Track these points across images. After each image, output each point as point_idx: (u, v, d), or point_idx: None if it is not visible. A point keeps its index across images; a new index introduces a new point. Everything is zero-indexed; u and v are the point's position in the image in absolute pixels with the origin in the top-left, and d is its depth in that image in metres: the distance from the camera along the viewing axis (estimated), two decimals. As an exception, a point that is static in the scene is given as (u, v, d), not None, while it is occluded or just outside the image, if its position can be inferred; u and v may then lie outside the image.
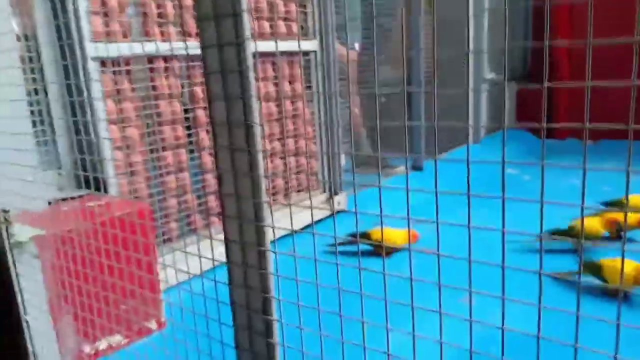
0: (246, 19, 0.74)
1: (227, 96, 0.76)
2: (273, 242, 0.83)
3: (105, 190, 1.90)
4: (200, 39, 0.78)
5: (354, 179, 0.81)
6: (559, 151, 4.78)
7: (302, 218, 2.75)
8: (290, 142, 2.91)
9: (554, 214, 0.71)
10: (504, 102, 0.74)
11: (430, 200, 1.05)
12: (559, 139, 5.10)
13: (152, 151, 2.14)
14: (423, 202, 1.39)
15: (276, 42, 2.88)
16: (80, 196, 1.81)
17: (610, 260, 2.09)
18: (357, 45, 3.85)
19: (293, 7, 2.90)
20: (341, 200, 3.12)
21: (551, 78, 4.95)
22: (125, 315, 1.66)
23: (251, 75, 0.74)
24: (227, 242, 0.82)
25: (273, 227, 0.83)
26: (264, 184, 0.77)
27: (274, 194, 2.79)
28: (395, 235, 2.44)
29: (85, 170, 1.89)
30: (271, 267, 0.79)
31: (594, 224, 2.49)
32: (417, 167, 3.98)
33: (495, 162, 0.74)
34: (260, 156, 0.75)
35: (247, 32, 0.74)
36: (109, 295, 1.59)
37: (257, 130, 0.75)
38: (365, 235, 2.52)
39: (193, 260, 1.05)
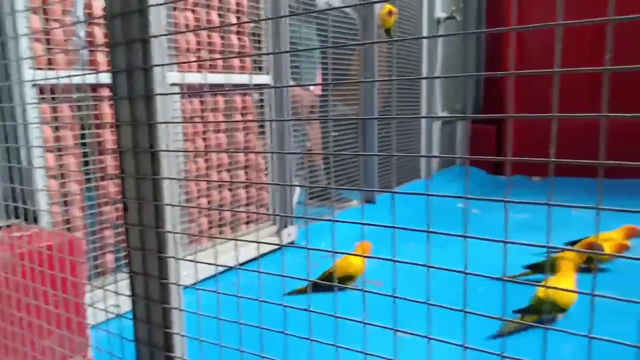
0: (156, 45, 0.73)
1: (134, 122, 0.74)
2: (213, 276, 0.80)
3: (36, 221, 1.82)
4: (110, 64, 0.76)
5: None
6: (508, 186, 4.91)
7: (248, 252, 2.71)
8: (241, 174, 2.89)
9: (511, 250, 0.72)
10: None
11: (381, 232, 1.06)
12: (507, 176, 5.24)
13: (88, 180, 2.07)
14: (375, 234, 1.38)
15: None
16: (8, 226, 1.72)
17: (543, 289, 2.11)
18: (311, 87, 3.90)
19: (247, 42, 2.92)
20: (292, 233, 3.09)
21: (502, 114, 5.10)
22: (48, 354, 1.56)
23: (159, 101, 0.73)
24: (132, 275, 0.78)
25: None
26: (169, 213, 0.74)
27: (220, 226, 2.74)
28: (354, 261, 2.44)
29: (16, 200, 1.81)
30: (176, 301, 0.76)
31: (570, 256, 2.44)
32: (369, 200, 4.00)
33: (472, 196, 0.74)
34: (165, 185, 0.73)
35: (156, 59, 0.73)
36: (30, 334, 1.50)
37: (163, 157, 0.73)
38: (328, 274, 2.48)
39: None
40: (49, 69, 2.01)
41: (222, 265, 0.80)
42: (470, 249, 0.84)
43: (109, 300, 1.54)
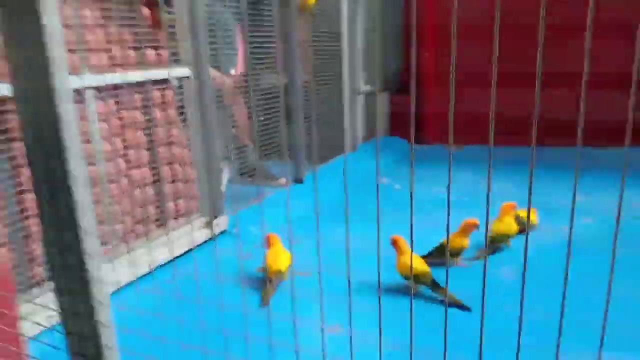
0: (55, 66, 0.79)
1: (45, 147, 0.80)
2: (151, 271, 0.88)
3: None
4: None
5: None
6: (428, 157, 5.18)
7: (182, 245, 2.77)
8: (166, 169, 2.91)
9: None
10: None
11: (310, 213, 1.17)
12: (428, 145, 5.49)
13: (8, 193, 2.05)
14: (304, 216, 1.51)
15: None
16: None
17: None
18: (232, 71, 3.90)
19: (162, 35, 2.90)
20: (221, 222, 3.16)
21: (420, 88, 5.31)
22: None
23: (64, 126, 0.79)
24: (57, 292, 0.85)
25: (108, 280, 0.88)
26: (87, 236, 0.82)
27: (148, 223, 2.77)
28: (282, 258, 2.51)
29: None
30: (102, 315, 0.84)
31: (457, 239, 2.65)
32: (298, 180, 4.13)
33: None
34: (79, 207, 0.80)
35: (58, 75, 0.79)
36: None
37: (77, 182, 0.79)
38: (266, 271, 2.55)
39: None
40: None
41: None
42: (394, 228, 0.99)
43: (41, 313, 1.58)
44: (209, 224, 3.04)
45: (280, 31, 4.00)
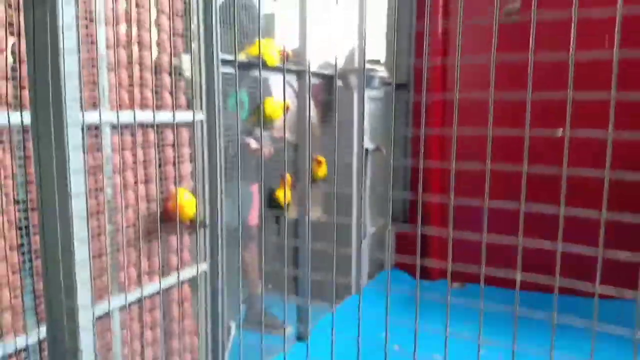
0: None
1: None
2: None
3: None
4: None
5: None
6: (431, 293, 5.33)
7: None
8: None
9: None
10: None
11: None
12: (432, 280, 5.63)
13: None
14: None
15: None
16: None
17: None
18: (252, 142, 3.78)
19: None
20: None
21: (425, 223, 5.47)
22: None
23: None
24: None
25: None
26: None
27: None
28: None
29: None
30: None
31: None
32: (301, 337, 4.22)
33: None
34: None
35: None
36: None
37: None
38: None
39: None
40: None
41: None
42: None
43: None
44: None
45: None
